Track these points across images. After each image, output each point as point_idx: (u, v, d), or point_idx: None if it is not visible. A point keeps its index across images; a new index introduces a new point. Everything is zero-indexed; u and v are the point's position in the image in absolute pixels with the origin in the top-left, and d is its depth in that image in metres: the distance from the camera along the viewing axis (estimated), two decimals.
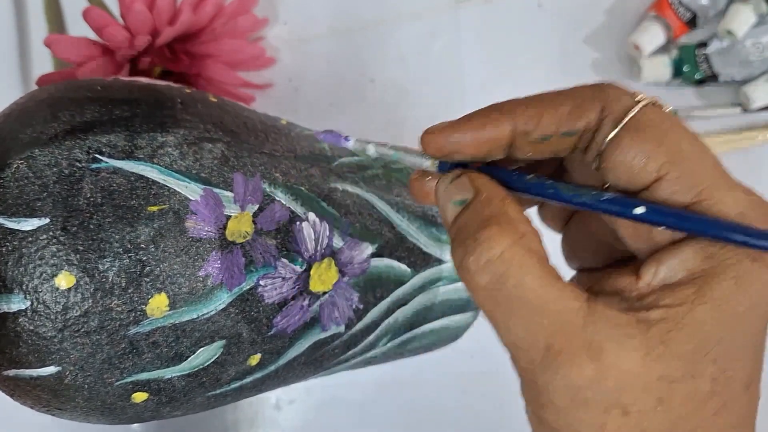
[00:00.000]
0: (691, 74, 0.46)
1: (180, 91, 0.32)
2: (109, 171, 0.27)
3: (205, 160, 0.29)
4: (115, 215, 0.27)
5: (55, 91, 0.30)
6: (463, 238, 0.20)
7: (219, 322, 0.29)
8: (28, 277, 0.26)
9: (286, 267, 0.30)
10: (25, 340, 0.26)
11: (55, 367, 0.27)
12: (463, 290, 0.37)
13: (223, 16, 0.43)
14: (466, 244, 0.20)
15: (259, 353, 0.31)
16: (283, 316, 0.31)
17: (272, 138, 0.33)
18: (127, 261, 0.27)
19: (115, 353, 0.27)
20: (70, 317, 0.26)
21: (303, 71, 0.50)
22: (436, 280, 0.36)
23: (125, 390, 0.28)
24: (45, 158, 0.27)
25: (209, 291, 0.28)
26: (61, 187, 0.27)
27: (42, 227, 0.26)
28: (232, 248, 0.29)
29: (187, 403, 0.30)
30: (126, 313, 0.27)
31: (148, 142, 0.28)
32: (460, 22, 0.49)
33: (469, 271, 0.20)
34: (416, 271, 0.35)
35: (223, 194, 0.29)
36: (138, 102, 0.30)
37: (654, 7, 0.46)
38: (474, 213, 0.21)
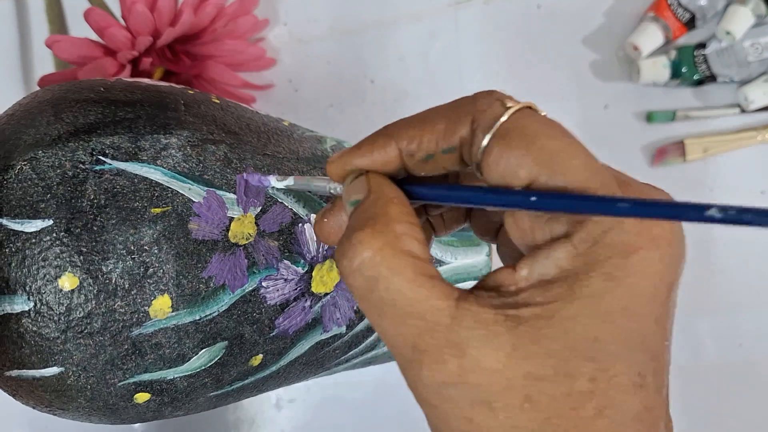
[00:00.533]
0: (689, 75, 0.46)
1: (183, 92, 0.32)
2: (113, 173, 0.27)
3: (209, 161, 0.29)
4: (118, 217, 0.27)
5: (58, 92, 0.30)
6: (343, 239, 0.21)
7: (221, 324, 0.29)
8: (32, 278, 0.26)
9: (289, 268, 0.31)
10: (28, 341, 0.26)
11: (58, 367, 0.27)
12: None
13: (224, 17, 0.44)
14: (343, 246, 0.20)
15: (261, 354, 0.31)
16: (285, 317, 0.31)
17: (275, 140, 0.33)
18: (130, 263, 0.27)
19: (118, 354, 0.27)
20: (74, 318, 0.26)
21: (303, 72, 0.50)
22: None
23: (128, 390, 0.28)
24: (48, 160, 0.27)
25: (212, 292, 0.28)
26: (64, 188, 0.27)
27: (45, 229, 0.26)
28: (234, 250, 0.29)
29: (189, 404, 0.30)
30: (129, 315, 0.27)
31: (151, 144, 0.28)
32: (459, 22, 0.49)
33: (343, 273, 0.20)
34: None
35: (226, 196, 0.29)
36: (141, 103, 0.30)
37: (653, 8, 0.46)
38: (359, 213, 0.21)
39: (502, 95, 0.21)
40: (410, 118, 0.22)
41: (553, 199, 0.19)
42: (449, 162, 0.22)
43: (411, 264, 0.20)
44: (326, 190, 0.25)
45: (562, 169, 0.19)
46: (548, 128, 0.20)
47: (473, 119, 0.21)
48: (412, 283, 0.20)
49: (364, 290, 0.20)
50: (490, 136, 0.20)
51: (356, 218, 0.21)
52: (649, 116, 0.47)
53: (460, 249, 0.37)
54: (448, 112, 0.22)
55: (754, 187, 0.47)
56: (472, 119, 0.21)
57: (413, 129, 0.22)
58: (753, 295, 0.47)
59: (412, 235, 0.20)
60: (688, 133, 0.47)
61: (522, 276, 0.20)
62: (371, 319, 0.21)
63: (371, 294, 0.20)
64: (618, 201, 0.18)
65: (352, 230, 0.21)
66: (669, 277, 0.20)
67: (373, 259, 0.20)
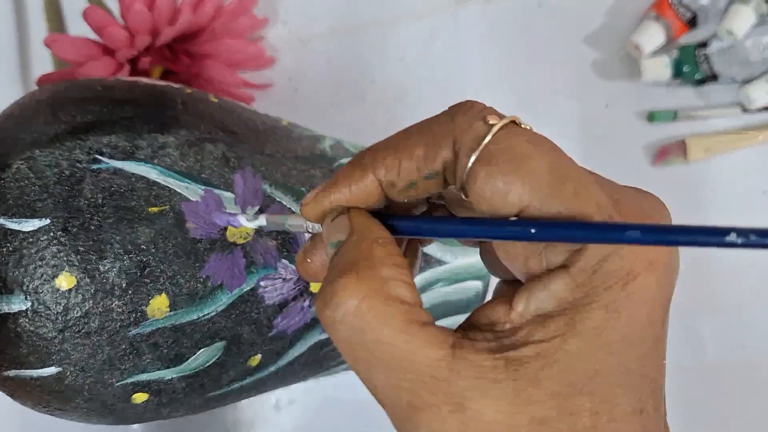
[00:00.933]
0: (691, 74, 0.46)
1: (181, 91, 0.32)
2: (110, 172, 0.27)
3: (206, 160, 0.29)
4: (115, 216, 0.27)
5: (56, 92, 0.30)
6: (324, 286, 0.19)
7: (219, 323, 0.29)
8: (29, 277, 0.26)
9: (287, 268, 0.30)
10: (25, 341, 0.26)
11: (56, 367, 0.27)
12: (463, 291, 0.37)
13: (223, 16, 0.43)
14: (324, 294, 0.19)
15: (259, 354, 0.31)
16: (283, 317, 0.31)
17: (273, 139, 0.33)
18: (127, 262, 0.27)
19: (116, 354, 0.27)
20: (71, 318, 0.26)
21: (303, 71, 0.50)
22: (435, 281, 0.36)
23: (125, 391, 0.28)
24: (46, 159, 0.27)
25: (210, 292, 0.28)
26: (61, 187, 0.27)
27: (43, 228, 0.26)
28: (232, 249, 0.29)
29: (188, 404, 0.30)
30: (126, 314, 0.27)
31: (149, 143, 0.28)
32: (460, 22, 0.49)
33: (326, 323, 0.19)
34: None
35: (224, 195, 0.29)
36: (139, 102, 0.30)
37: (654, 7, 0.46)
38: (341, 257, 0.19)
39: (482, 108, 0.20)
40: (385, 144, 0.21)
41: (556, 230, 0.18)
42: (433, 186, 0.21)
43: (401, 311, 0.18)
44: (303, 228, 0.23)
45: (555, 193, 0.18)
46: (536, 148, 0.19)
47: (454, 140, 0.20)
48: (403, 332, 0.18)
49: (350, 343, 0.18)
50: (474, 159, 0.19)
51: (338, 262, 0.19)
52: (651, 116, 0.47)
53: (460, 249, 0.36)
54: (425, 135, 0.20)
55: (756, 187, 0.47)
56: (453, 140, 0.20)
57: (390, 157, 0.20)
58: (754, 296, 0.46)
59: (399, 278, 0.19)
60: (689, 133, 0.47)
61: (518, 312, 0.19)
62: (359, 374, 0.19)
63: (358, 347, 0.18)
64: (627, 228, 0.17)
65: (334, 276, 0.19)
66: (665, 297, 0.20)
67: (359, 308, 0.18)
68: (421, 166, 0.20)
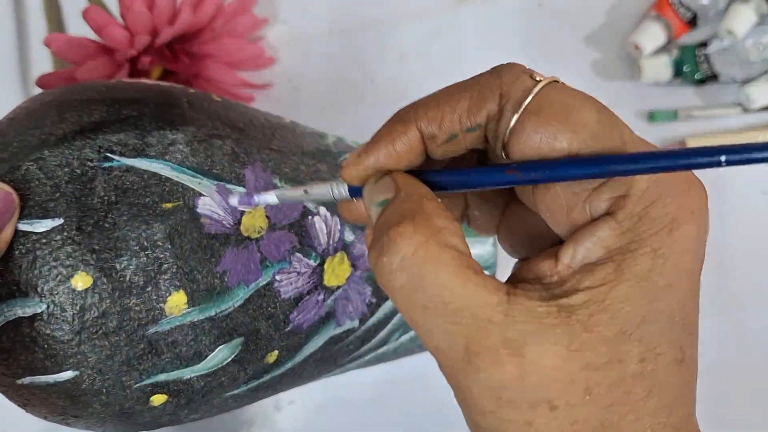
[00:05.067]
0: (691, 74, 0.46)
1: (185, 90, 0.32)
2: (122, 169, 0.27)
3: (216, 156, 0.29)
4: (129, 213, 0.26)
5: (60, 94, 0.29)
6: (379, 237, 0.19)
7: (237, 319, 0.28)
8: (44, 279, 0.25)
9: (301, 261, 0.30)
10: (41, 345, 0.26)
11: (73, 371, 0.26)
12: None
13: (223, 16, 0.43)
14: (380, 243, 0.19)
15: (276, 350, 0.30)
16: (299, 311, 0.31)
17: (279, 135, 0.33)
18: (144, 259, 0.26)
19: (134, 354, 0.27)
20: (88, 319, 0.26)
21: (303, 71, 0.50)
22: None
23: (144, 393, 0.28)
24: (55, 159, 0.26)
25: (227, 287, 0.28)
26: (73, 186, 0.26)
27: (56, 228, 0.26)
28: (247, 243, 0.29)
29: (205, 405, 0.30)
30: (144, 313, 0.26)
31: (158, 140, 0.28)
32: (461, 21, 0.49)
33: (383, 272, 0.19)
34: None
35: (236, 190, 0.29)
36: (145, 101, 0.29)
37: (654, 7, 0.46)
38: (391, 211, 0.20)
39: (525, 68, 0.20)
40: (427, 99, 0.21)
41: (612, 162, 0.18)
42: (472, 141, 0.21)
43: (456, 258, 0.19)
44: (329, 195, 0.23)
45: (602, 141, 0.19)
46: (583, 100, 0.19)
47: (501, 93, 0.20)
48: (460, 277, 0.18)
49: (407, 289, 0.19)
50: (523, 109, 0.19)
51: (389, 215, 0.20)
52: (651, 115, 0.47)
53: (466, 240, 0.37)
54: (470, 88, 0.20)
55: (757, 187, 0.47)
56: (500, 93, 0.20)
57: (433, 109, 0.20)
58: (755, 295, 0.46)
59: (452, 229, 0.19)
60: (690, 133, 0.47)
61: (565, 263, 0.19)
62: (414, 321, 0.19)
63: (415, 293, 0.19)
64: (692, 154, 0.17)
65: (388, 226, 0.19)
66: (703, 247, 0.20)
67: (416, 254, 0.18)
68: (464, 119, 0.20)
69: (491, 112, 0.20)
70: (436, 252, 0.18)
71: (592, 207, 0.19)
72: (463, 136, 0.21)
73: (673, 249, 0.19)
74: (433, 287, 0.18)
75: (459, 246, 0.19)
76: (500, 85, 0.20)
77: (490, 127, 0.20)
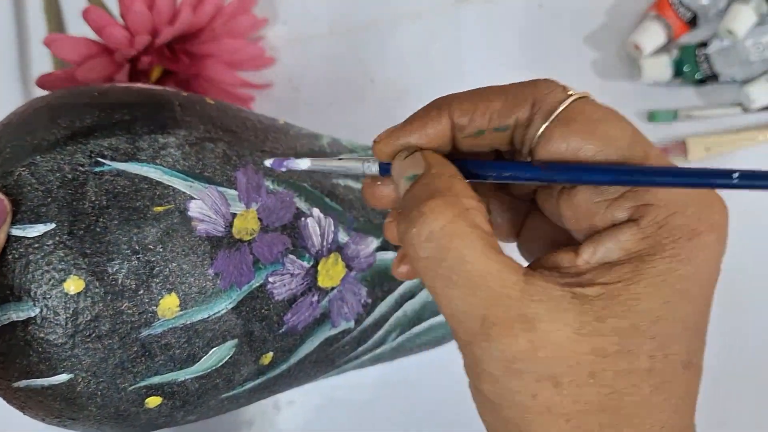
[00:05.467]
0: (691, 74, 0.46)
1: (177, 93, 0.32)
2: (113, 173, 0.27)
3: (208, 159, 0.29)
4: (121, 217, 0.27)
5: (53, 99, 0.30)
6: (409, 209, 0.20)
7: (230, 321, 0.29)
8: (36, 283, 0.26)
9: (294, 263, 0.30)
10: (35, 349, 0.26)
11: (67, 374, 0.26)
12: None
13: (223, 16, 0.43)
14: (411, 215, 0.20)
15: (270, 352, 0.31)
16: (293, 312, 0.31)
17: (272, 136, 0.33)
18: (135, 262, 0.27)
19: (128, 357, 0.27)
20: (81, 322, 0.26)
21: (303, 71, 0.50)
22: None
23: (138, 395, 0.28)
24: (47, 164, 0.27)
25: (219, 289, 0.28)
26: (65, 191, 0.26)
27: (48, 233, 0.26)
28: (239, 246, 0.29)
29: (201, 407, 0.30)
30: (137, 316, 0.27)
31: (149, 144, 0.28)
32: (460, 22, 0.49)
33: (412, 242, 0.20)
34: None
35: (228, 192, 0.29)
36: (137, 105, 0.30)
37: (654, 7, 0.46)
38: (422, 186, 0.21)
39: (562, 84, 0.22)
40: (464, 93, 0.22)
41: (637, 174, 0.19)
42: (497, 141, 0.22)
43: (482, 236, 0.20)
44: (360, 170, 0.24)
45: (626, 155, 0.20)
46: (611, 116, 0.21)
47: (534, 102, 0.21)
48: (484, 254, 0.19)
49: (434, 260, 0.20)
50: (553, 118, 0.20)
51: (420, 190, 0.21)
52: (651, 115, 0.47)
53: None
54: (506, 91, 0.22)
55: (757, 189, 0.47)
56: (533, 102, 0.21)
57: (467, 103, 0.22)
58: (754, 295, 0.46)
59: (478, 209, 0.20)
60: (690, 133, 0.47)
61: (584, 259, 0.20)
62: (437, 291, 0.20)
63: (440, 264, 0.20)
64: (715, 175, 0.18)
65: (419, 200, 0.20)
66: (719, 261, 0.21)
67: (445, 228, 0.19)
68: (494, 118, 0.22)
69: (521, 117, 0.21)
70: (463, 229, 0.19)
71: (614, 214, 0.20)
72: (489, 134, 0.22)
73: (691, 256, 0.20)
74: (457, 260, 0.19)
75: (484, 226, 0.20)
76: (534, 94, 0.21)
77: (518, 132, 0.22)
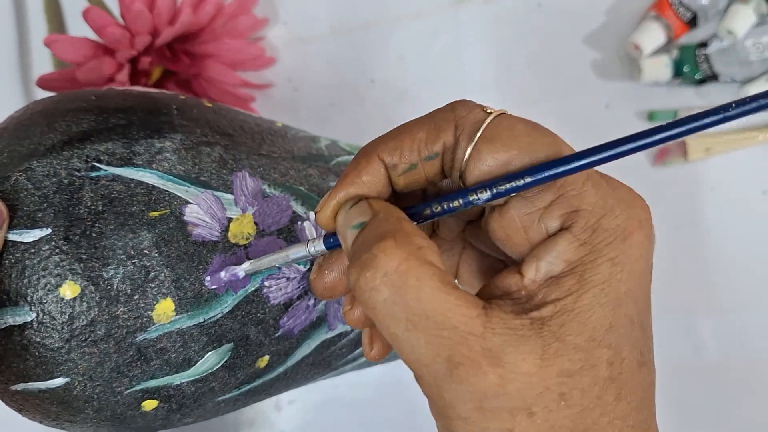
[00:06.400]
0: (691, 74, 0.46)
1: (174, 97, 0.32)
2: (109, 178, 0.27)
3: (204, 163, 0.29)
4: (116, 222, 0.27)
5: (50, 103, 0.30)
6: (359, 254, 0.20)
7: (226, 325, 0.29)
8: (33, 288, 0.26)
9: (290, 267, 0.30)
10: (32, 353, 0.26)
11: (64, 378, 0.27)
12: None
13: (223, 16, 0.43)
14: (362, 260, 0.20)
15: (267, 355, 0.31)
16: (289, 316, 0.31)
17: (269, 140, 0.33)
18: (131, 267, 0.27)
19: (124, 361, 0.27)
20: (77, 327, 0.26)
21: (303, 71, 0.50)
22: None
23: (135, 398, 0.28)
24: (43, 169, 0.27)
25: (214, 294, 0.28)
26: (61, 196, 0.26)
27: (44, 238, 0.26)
28: (235, 250, 0.29)
29: (198, 409, 0.30)
30: (133, 320, 0.27)
31: (146, 149, 0.28)
32: (460, 21, 0.49)
33: (366, 287, 0.19)
34: None
35: (224, 197, 0.29)
36: (133, 110, 0.30)
37: (654, 7, 0.46)
38: (371, 231, 0.20)
39: (479, 104, 0.22)
40: (388, 133, 0.23)
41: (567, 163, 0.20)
42: (431, 171, 0.22)
43: (437, 274, 0.19)
44: (306, 253, 0.24)
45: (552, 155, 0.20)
46: (531, 126, 0.21)
47: (456, 125, 0.21)
48: (441, 291, 0.19)
49: (389, 304, 0.19)
50: (477, 138, 0.21)
51: (369, 234, 0.20)
52: (651, 115, 0.47)
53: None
54: (427, 121, 0.22)
55: (756, 187, 0.47)
56: (454, 125, 0.21)
57: (393, 141, 0.22)
58: (754, 296, 0.46)
59: (430, 247, 0.20)
60: None
61: (530, 278, 0.20)
62: (395, 335, 0.20)
63: (397, 307, 0.19)
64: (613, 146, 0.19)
65: (369, 244, 0.20)
66: (651, 256, 0.21)
67: (399, 268, 0.19)
68: (422, 148, 0.22)
69: (447, 142, 0.22)
70: (417, 267, 0.19)
71: (547, 224, 0.21)
72: (422, 166, 0.22)
73: (627, 256, 0.20)
74: (415, 301, 0.19)
75: (438, 263, 0.20)
76: (454, 118, 0.22)
77: (447, 157, 0.22)
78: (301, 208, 0.31)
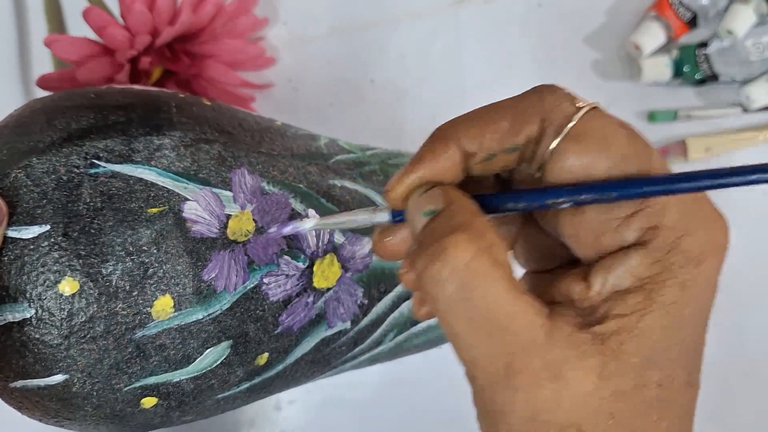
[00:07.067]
0: (691, 74, 0.46)
1: (174, 95, 0.32)
2: (108, 175, 0.27)
3: (203, 160, 0.29)
4: (115, 219, 0.27)
5: (50, 101, 0.30)
6: (429, 244, 0.19)
7: (225, 322, 0.29)
8: (32, 284, 0.26)
9: (289, 264, 0.31)
10: (31, 350, 0.26)
11: (63, 375, 0.27)
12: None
13: (223, 16, 0.43)
14: (431, 250, 0.19)
15: (266, 352, 0.31)
16: (288, 313, 0.31)
17: (268, 137, 0.33)
18: (130, 264, 0.27)
19: (123, 358, 0.27)
20: (76, 323, 0.26)
21: (303, 71, 0.50)
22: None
23: (134, 395, 0.28)
24: (43, 166, 0.27)
25: (214, 291, 0.28)
26: (60, 193, 0.27)
27: (43, 234, 0.26)
28: (234, 247, 0.29)
29: (197, 407, 0.30)
30: (131, 317, 0.27)
31: (145, 146, 0.28)
32: (460, 22, 0.49)
33: (432, 279, 0.19)
34: None
35: (223, 194, 0.29)
36: (133, 107, 0.30)
37: (654, 7, 0.46)
38: (443, 221, 0.20)
39: (568, 92, 0.21)
40: (468, 117, 0.21)
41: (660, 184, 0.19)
42: (509, 160, 0.21)
43: (507, 275, 0.19)
44: (370, 221, 0.23)
45: (635, 167, 0.19)
46: (624, 133, 0.20)
47: (543, 117, 0.20)
48: (509, 294, 0.19)
49: (454, 300, 0.19)
50: (564, 135, 0.20)
51: (440, 225, 0.20)
52: (651, 115, 0.47)
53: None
54: (513, 110, 0.21)
55: (756, 187, 0.47)
56: (542, 117, 0.20)
57: (474, 128, 0.21)
58: (754, 295, 0.46)
59: (502, 246, 0.19)
60: (690, 133, 0.47)
61: (596, 291, 0.20)
62: (455, 332, 0.19)
63: (462, 303, 0.19)
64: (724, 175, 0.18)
65: (439, 235, 0.19)
66: (718, 281, 0.20)
67: (469, 264, 0.18)
68: (504, 139, 0.21)
69: (531, 135, 0.20)
70: (488, 266, 0.18)
71: (623, 235, 0.20)
72: (501, 156, 0.21)
73: (697, 282, 0.19)
74: (481, 300, 0.18)
75: (507, 264, 0.19)
76: (542, 108, 0.20)
77: (528, 148, 0.21)
78: (300, 206, 0.31)
